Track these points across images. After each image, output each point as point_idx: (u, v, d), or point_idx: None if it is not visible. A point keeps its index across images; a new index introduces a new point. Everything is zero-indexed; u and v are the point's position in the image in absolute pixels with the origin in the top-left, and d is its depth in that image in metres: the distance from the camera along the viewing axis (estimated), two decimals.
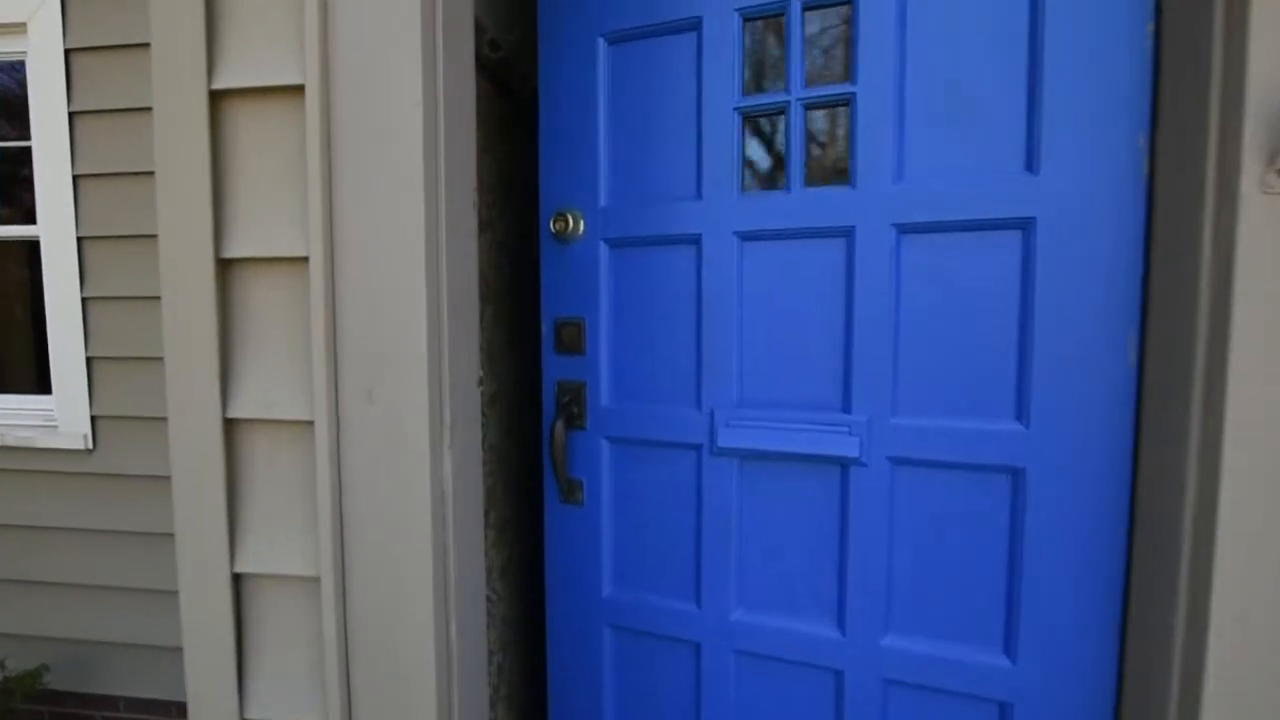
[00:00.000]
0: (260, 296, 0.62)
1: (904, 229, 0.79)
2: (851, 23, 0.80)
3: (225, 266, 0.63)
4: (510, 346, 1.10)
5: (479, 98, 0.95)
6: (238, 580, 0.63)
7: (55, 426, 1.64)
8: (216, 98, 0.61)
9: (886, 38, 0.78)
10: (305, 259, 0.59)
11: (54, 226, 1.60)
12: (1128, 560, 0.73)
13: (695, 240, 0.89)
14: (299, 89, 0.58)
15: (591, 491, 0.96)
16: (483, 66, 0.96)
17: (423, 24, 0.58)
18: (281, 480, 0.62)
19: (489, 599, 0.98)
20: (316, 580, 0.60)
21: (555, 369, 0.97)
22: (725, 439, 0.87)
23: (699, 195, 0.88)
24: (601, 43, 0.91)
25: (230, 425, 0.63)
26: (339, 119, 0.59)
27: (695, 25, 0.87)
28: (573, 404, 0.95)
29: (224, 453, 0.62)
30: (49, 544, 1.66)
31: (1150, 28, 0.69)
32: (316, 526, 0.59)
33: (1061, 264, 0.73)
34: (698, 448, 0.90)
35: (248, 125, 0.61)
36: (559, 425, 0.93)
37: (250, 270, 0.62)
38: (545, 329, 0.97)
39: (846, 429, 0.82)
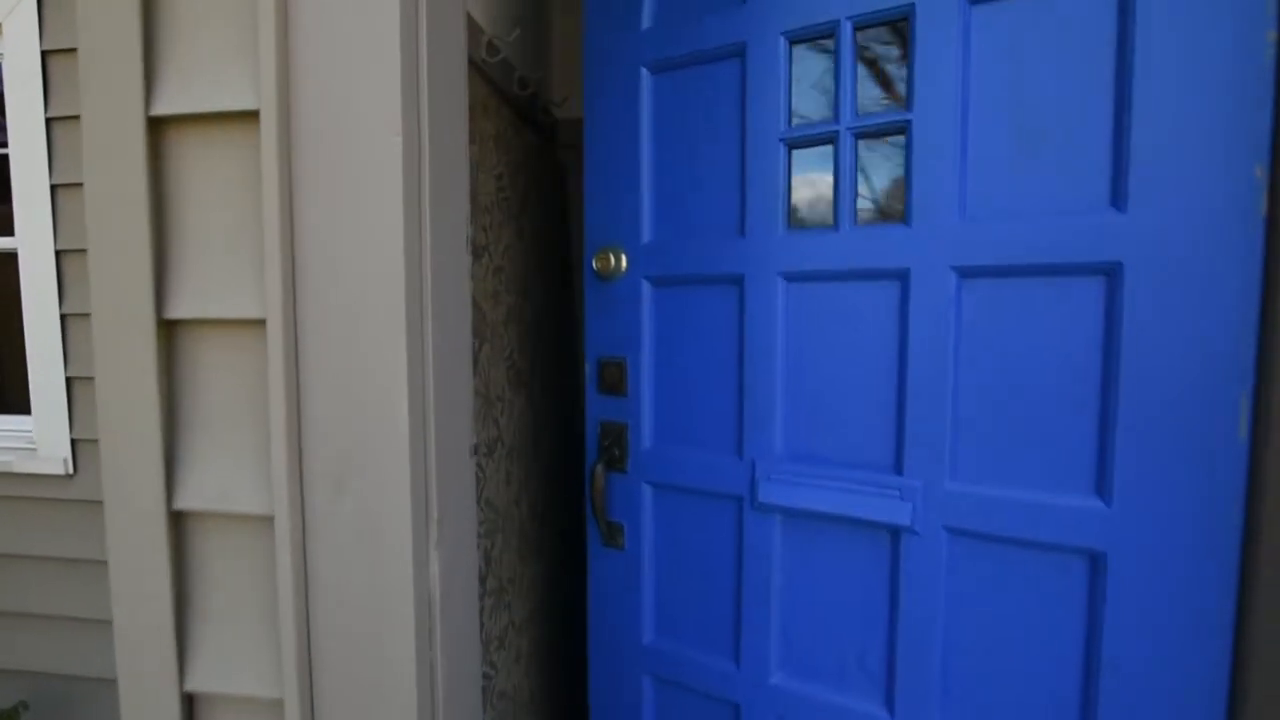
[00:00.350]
0: (211, 365, 0.52)
1: (966, 272, 0.71)
2: (908, 42, 0.71)
3: (169, 329, 0.53)
4: (511, 384, 1.01)
5: (475, 107, 0.86)
6: (189, 701, 0.54)
7: (35, 450, 1.56)
8: (157, 125, 0.51)
9: (948, 58, 0.69)
10: (263, 322, 0.49)
11: (31, 238, 1.52)
12: (1234, 676, 0.62)
13: (738, 280, 0.82)
14: (254, 115, 0.48)
15: (632, 536, 0.92)
16: (479, 71, 0.87)
17: (403, 34, 0.48)
18: (238, 585, 0.52)
19: (485, 675, 0.88)
20: (279, 704, 0.51)
21: (598, 409, 0.94)
22: (766, 494, 0.80)
23: (742, 232, 0.82)
24: (645, 72, 0.87)
25: (177, 519, 0.53)
26: (302, 152, 0.49)
27: (739, 51, 0.81)
28: (614, 446, 0.92)
29: (170, 551, 0.52)
30: (28, 574, 1.58)
31: (1272, 35, 0.59)
32: (279, 640, 0.49)
33: (1154, 315, 0.63)
34: (739, 500, 0.84)
35: (195, 158, 0.51)
36: (599, 468, 0.91)
37: (199, 333, 0.52)
38: (589, 368, 0.95)
39: (898, 493, 0.74)
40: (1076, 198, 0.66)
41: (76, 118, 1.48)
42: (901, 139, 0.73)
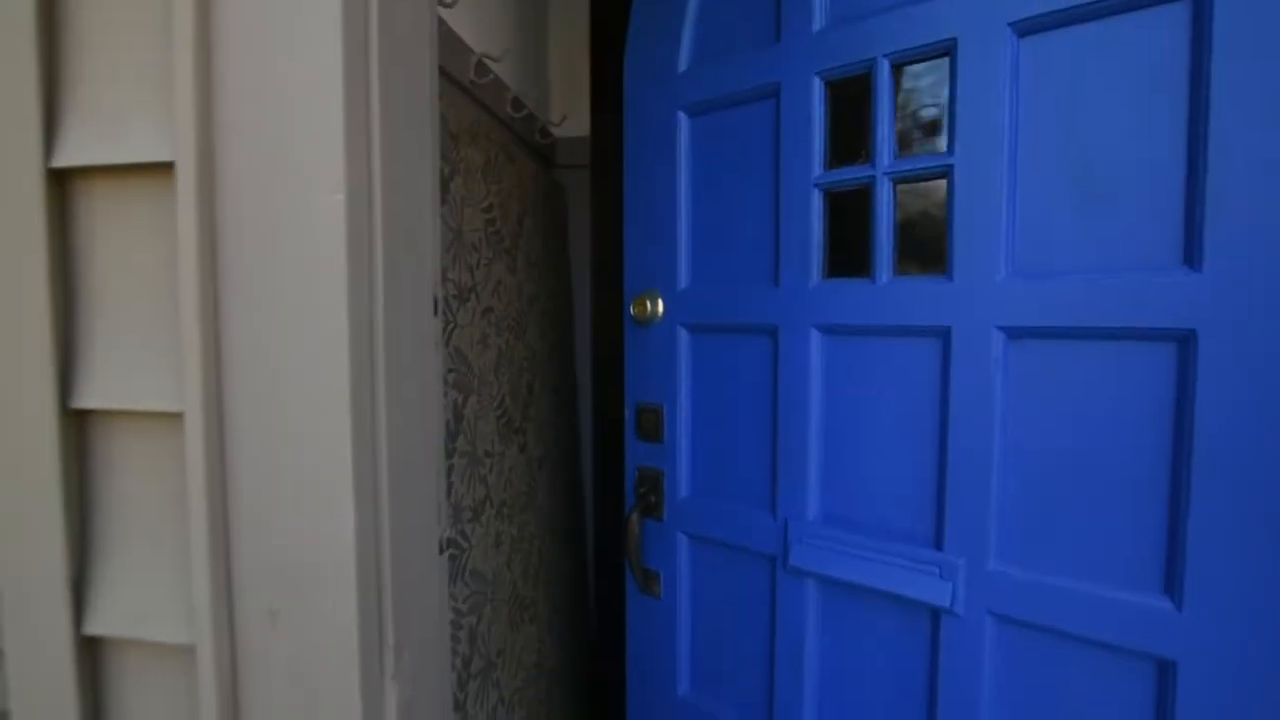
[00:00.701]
0: (127, 464, 0.43)
1: (1013, 333, 0.64)
2: (951, 81, 0.65)
3: (77, 421, 0.44)
4: (501, 435, 0.92)
5: (460, 135, 0.77)
6: None
7: None
8: (59, 179, 0.42)
9: (994, 96, 0.63)
10: (180, 415, 0.40)
11: None
12: None
13: (772, 331, 0.80)
14: (170, 169, 0.39)
15: (668, 584, 0.92)
16: (467, 94, 0.79)
17: (346, 72, 0.38)
18: None
19: None
20: None
21: (636, 455, 0.95)
22: (798, 558, 0.77)
23: (776, 281, 0.79)
24: (682, 116, 0.86)
25: (88, 645, 0.44)
26: (228, 213, 0.40)
27: (773, 92, 0.78)
28: (650, 493, 0.92)
29: (78, 687, 0.43)
30: None
31: None
32: None
33: (1235, 392, 0.55)
34: (772, 560, 0.81)
35: (105, 219, 0.42)
36: (634, 515, 0.91)
37: (113, 426, 0.43)
38: (628, 414, 0.96)
39: (937, 570, 0.68)
40: (1142, 254, 0.58)
41: None
42: (944, 184, 0.66)
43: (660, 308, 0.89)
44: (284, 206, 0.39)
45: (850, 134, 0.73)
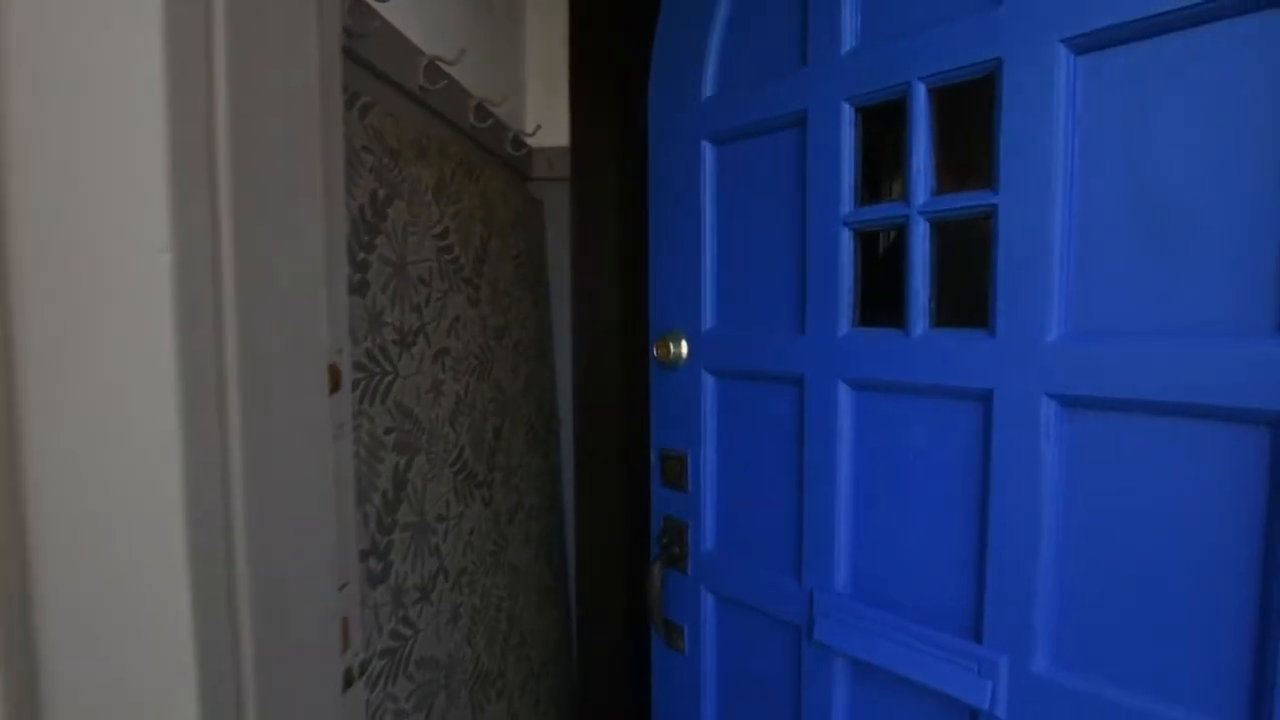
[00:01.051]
0: None
1: (1066, 402, 0.55)
2: (995, 107, 0.56)
3: None
4: (457, 493, 0.80)
5: (402, 151, 0.66)
6: None
7: None
8: None
9: (1047, 126, 0.54)
10: None
11: None
12: None
13: (798, 381, 0.73)
14: None
15: (692, 639, 0.87)
16: (415, 102, 0.68)
17: (170, 81, 0.27)
18: None
19: None
20: None
21: (662, 503, 0.91)
22: (823, 632, 0.71)
23: (802, 328, 0.72)
24: (706, 145, 0.80)
25: None
26: (15, 279, 0.29)
27: (800, 120, 0.70)
28: (674, 544, 0.88)
29: None
30: None
31: None
32: None
33: None
34: (797, 629, 0.75)
35: None
36: (657, 566, 0.87)
37: None
38: (653, 459, 0.92)
39: (975, 666, 0.60)
40: (1224, 316, 0.48)
41: None
42: (988, 225, 0.58)
43: (684, 350, 0.83)
44: (93, 273, 0.27)
45: (883, 167, 0.66)
